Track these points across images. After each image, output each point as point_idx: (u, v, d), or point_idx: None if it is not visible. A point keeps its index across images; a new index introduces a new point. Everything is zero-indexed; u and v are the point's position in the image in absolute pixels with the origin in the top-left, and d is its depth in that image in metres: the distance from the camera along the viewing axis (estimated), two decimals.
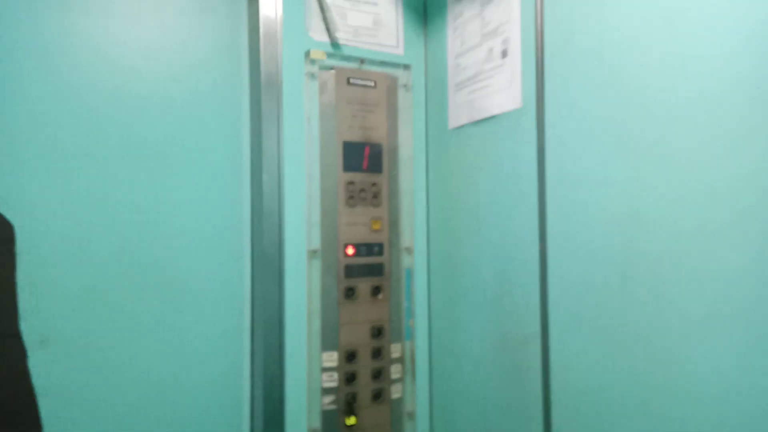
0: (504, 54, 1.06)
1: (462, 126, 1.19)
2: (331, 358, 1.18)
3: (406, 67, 1.29)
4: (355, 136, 1.22)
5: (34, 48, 1.03)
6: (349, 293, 1.20)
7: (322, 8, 1.20)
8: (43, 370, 1.02)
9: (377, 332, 1.23)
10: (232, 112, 1.21)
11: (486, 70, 1.11)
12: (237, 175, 1.21)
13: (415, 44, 1.32)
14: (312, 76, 1.18)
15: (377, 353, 1.23)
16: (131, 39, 1.11)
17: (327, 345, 1.18)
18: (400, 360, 1.27)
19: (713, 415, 0.69)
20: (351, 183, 1.21)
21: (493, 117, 1.09)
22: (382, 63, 1.27)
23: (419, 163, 1.31)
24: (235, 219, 1.20)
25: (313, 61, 1.18)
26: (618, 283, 0.82)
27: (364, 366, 1.21)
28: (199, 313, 1.16)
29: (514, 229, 1.03)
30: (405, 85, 1.29)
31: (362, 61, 1.24)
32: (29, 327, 1.01)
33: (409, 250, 1.29)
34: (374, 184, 1.24)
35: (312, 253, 1.17)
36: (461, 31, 1.19)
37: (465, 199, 1.18)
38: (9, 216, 1.00)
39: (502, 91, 1.06)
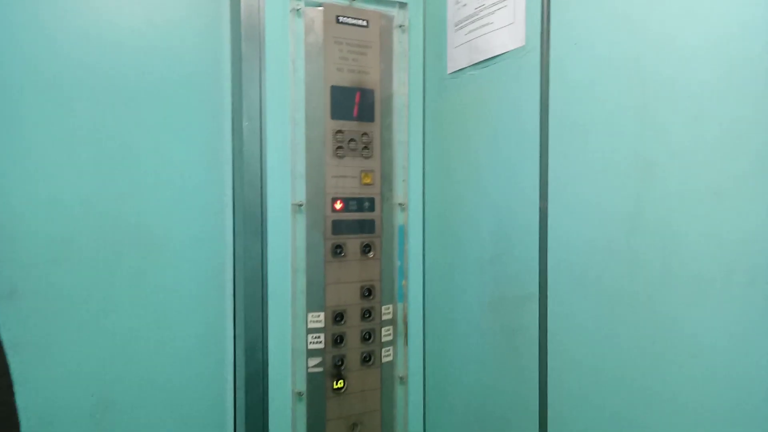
0: None
1: (461, 69, 1.08)
2: (318, 319, 1.11)
3: (402, 5, 1.18)
4: (344, 81, 1.12)
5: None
6: (337, 251, 1.12)
7: None
8: (12, 323, 0.97)
9: (367, 292, 1.15)
10: (212, 54, 1.11)
11: (487, 6, 0.99)
12: (217, 122, 1.12)
13: None
14: (297, 12, 1.08)
15: (367, 314, 1.16)
16: None
17: (313, 305, 1.11)
18: (392, 322, 1.20)
19: (720, 385, 0.61)
20: (340, 132, 1.12)
21: (494, 58, 0.98)
22: (376, 0, 1.16)
23: (415, 112, 1.21)
24: (215, 170, 1.12)
25: None
26: (623, 242, 0.73)
27: (353, 327, 1.15)
28: (177, 269, 1.09)
29: (516, 184, 0.94)
30: (401, 26, 1.18)
31: None
32: None
33: (403, 206, 1.20)
34: (365, 134, 1.14)
35: (297, 207, 1.09)
36: None
37: (464, 151, 1.08)
38: None
39: (505, 27, 0.95)
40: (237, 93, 1.07)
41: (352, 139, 1.13)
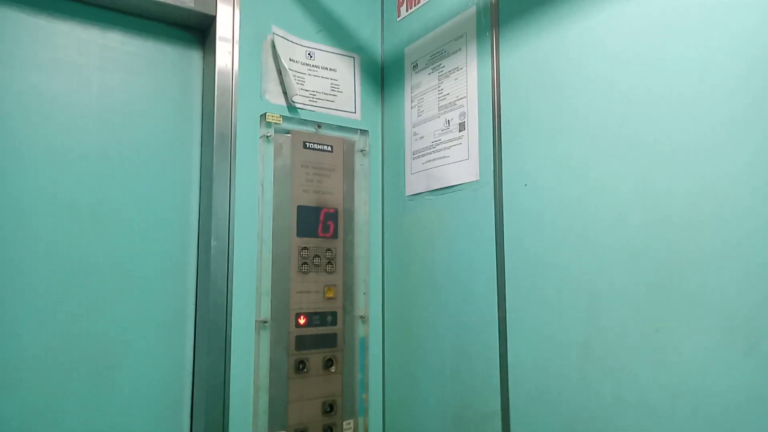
0: (462, 127, 1.07)
1: (419, 193, 1.18)
2: None
3: (363, 132, 1.29)
4: (310, 201, 1.19)
5: None
6: (300, 366, 1.13)
7: (280, 72, 1.19)
8: None
9: (329, 408, 1.15)
10: (181, 173, 1.15)
11: (444, 141, 1.12)
12: (183, 239, 1.14)
13: (372, 110, 1.32)
14: (267, 138, 1.16)
15: (329, 431, 1.15)
16: (73, 95, 1.05)
17: (275, 424, 1.09)
18: None
19: None
20: (305, 249, 1.17)
21: (450, 187, 1.09)
22: (340, 128, 1.26)
23: (375, 229, 1.29)
24: (178, 286, 1.13)
25: (268, 124, 1.16)
26: (576, 369, 0.81)
27: None
28: (134, 390, 1.05)
29: (473, 302, 1.02)
30: (362, 150, 1.28)
31: (319, 125, 1.23)
32: None
33: (364, 319, 1.24)
34: (329, 250, 1.20)
35: (261, 324, 1.10)
36: (419, 101, 1.20)
37: (422, 268, 1.16)
38: None
39: (460, 162, 1.07)
40: (206, 212, 1.11)
41: (316, 255, 1.18)
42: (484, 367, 0.98)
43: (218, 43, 1.12)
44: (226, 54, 1.12)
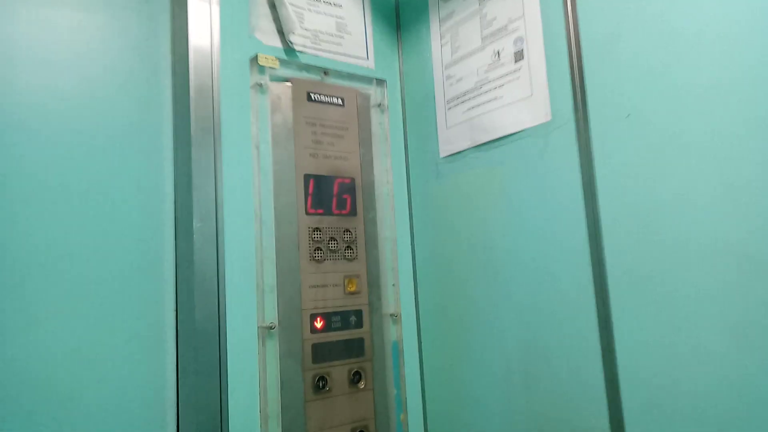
0: (519, 56, 0.82)
1: (460, 152, 0.92)
2: None
3: (380, 82, 1.03)
4: (320, 168, 0.92)
5: None
6: (320, 384, 0.86)
7: (273, 4, 0.92)
8: None
9: None
10: (149, 136, 0.87)
11: (493, 79, 0.86)
12: (154, 223, 0.85)
13: (388, 56, 1.06)
14: (261, 88, 0.88)
15: None
16: (6, 37, 0.76)
17: None
18: None
19: None
20: (317, 230, 0.90)
21: (507, 137, 0.83)
22: (350, 76, 0.99)
23: (402, 203, 1.02)
24: (150, 286, 0.84)
25: (262, 69, 0.88)
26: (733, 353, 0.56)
27: None
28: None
29: (555, 286, 0.76)
30: (379, 105, 1.02)
31: (326, 72, 0.96)
32: None
33: (396, 317, 0.97)
34: (347, 231, 0.93)
35: (266, 331, 0.83)
36: (452, 35, 0.94)
37: (469, 247, 0.90)
38: None
39: (520, 102, 0.81)
40: (184, 186, 0.83)
41: (332, 238, 0.91)
42: (573, 368, 0.72)
43: None
44: None
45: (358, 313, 0.91)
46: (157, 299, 0.84)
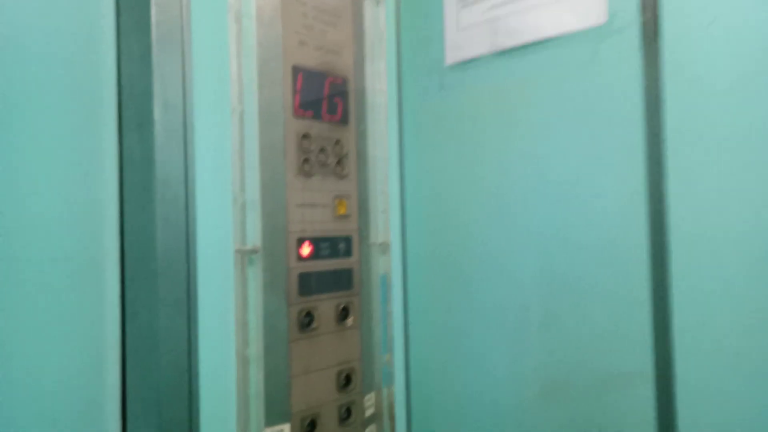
0: None
1: (474, 60, 0.79)
2: None
3: None
4: (311, 60, 0.74)
5: None
6: (306, 321, 0.72)
7: None
8: None
9: (345, 380, 0.76)
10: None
11: None
12: (86, 109, 0.63)
13: None
14: None
15: (346, 414, 0.76)
16: None
17: (273, 415, 0.68)
18: (375, 419, 0.82)
19: None
20: (306, 137, 0.73)
21: (544, 42, 0.72)
22: None
23: (393, 116, 0.88)
24: (82, 194, 0.62)
25: None
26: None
27: None
28: (11, 383, 0.56)
29: (592, 219, 0.68)
30: None
31: None
32: None
33: (385, 247, 0.84)
34: (338, 143, 0.77)
35: (247, 255, 0.66)
36: None
37: (480, 173, 0.79)
38: None
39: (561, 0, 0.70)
40: (136, 58, 0.61)
41: (322, 149, 0.75)
42: (610, 306, 0.66)
43: None
44: None
45: (348, 240, 0.78)
46: (90, 210, 0.62)
